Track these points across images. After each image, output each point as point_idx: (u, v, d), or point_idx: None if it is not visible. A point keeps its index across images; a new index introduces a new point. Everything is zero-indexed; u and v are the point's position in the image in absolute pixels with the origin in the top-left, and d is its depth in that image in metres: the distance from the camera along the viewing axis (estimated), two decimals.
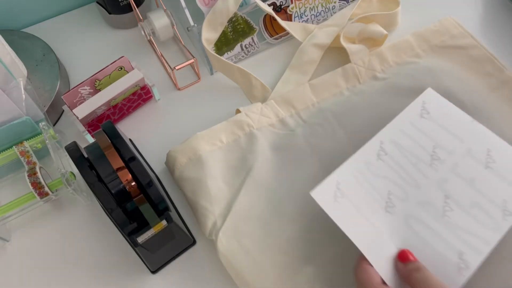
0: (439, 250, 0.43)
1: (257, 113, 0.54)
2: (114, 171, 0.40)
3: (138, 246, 0.40)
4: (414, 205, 0.45)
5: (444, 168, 0.47)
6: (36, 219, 0.52)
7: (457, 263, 0.42)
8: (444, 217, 0.44)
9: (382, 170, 0.47)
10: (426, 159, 0.47)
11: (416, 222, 0.44)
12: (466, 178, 0.46)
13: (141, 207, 0.40)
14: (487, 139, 0.48)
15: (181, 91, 0.61)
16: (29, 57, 0.60)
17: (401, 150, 0.48)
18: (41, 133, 0.52)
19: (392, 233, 0.44)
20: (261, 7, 0.57)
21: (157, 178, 0.53)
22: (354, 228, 0.43)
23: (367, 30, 0.59)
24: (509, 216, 0.43)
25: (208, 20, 0.56)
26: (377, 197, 0.45)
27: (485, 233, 0.43)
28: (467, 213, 0.44)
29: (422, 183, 0.46)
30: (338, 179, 0.46)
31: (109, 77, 0.54)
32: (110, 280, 0.48)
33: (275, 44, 0.64)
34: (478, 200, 0.44)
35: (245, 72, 0.58)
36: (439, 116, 0.49)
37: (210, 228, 0.47)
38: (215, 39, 0.58)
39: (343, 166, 0.47)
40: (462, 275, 0.41)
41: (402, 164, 0.47)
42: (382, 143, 0.48)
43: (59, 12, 0.69)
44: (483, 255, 0.42)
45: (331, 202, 0.44)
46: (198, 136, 0.52)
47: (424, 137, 0.48)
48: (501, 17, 0.65)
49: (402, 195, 0.46)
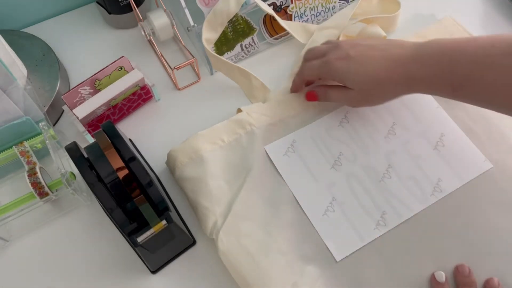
0: (366, 205, 0.49)
1: (258, 112, 0.54)
2: (114, 171, 0.40)
3: (138, 246, 0.40)
4: (359, 167, 0.51)
5: (397, 142, 0.52)
6: (36, 219, 0.51)
7: (377, 220, 0.48)
8: (381, 182, 0.50)
9: (340, 134, 0.53)
10: (383, 131, 0.53)
11: (355, 180, 0.50)
12: (413, 154, 0.51)
13: (141, 207, 0.40)
14: (445, 125, 0.53)
15: (181, 91, 0.61)
16: (29, 57, 0.60)
17: (363, 121, 0.54)
18: (41, 133, 0.52)
19: (329, 186, 0.50)
20: (261, 7, 0.57)
21: (157, 178, 0.53)
22: (295, 179, 0.50)
23: (366, 31, 0.59)
24: (438, 193, 0.49)
25: (208, 21, 0.56)
26: (328, 156, 0.51)
27: (412, 202, 0.48)
28: (402, 183, 0.50)
29: (372, 151, 0.52)
30: (294, 138, 0.52)
31: (109, 77, 0.54)
32: (110, 280, 0.48)
33: (275, 44, 0.64)
34: (415, 174, 0.50)
35: (246, 72, 0.58)
36: (408, 97, 0.54)
37: (211, 227, 0.47)
38: (215, 39, 0.58)
39: (304, 128, 0.53)
40: (378, 230, 0.47)
41: (360, 132, 0.53)
42: (347, 112, 0.54)
43: (59, 12, 0.69)
44: (402, 219, 0.48)
45: (280, 156, 0.51)
46: (199, 135, 0.52)
47: (387, 114, 0.54)
48: (501, 17, 0.65)
49: (351, 157, 0.51)
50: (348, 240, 0.47)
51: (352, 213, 0.48)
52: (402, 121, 0.53)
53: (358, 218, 0.48)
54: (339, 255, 0.46)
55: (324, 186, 0.50)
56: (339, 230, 0.47)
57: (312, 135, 0.53)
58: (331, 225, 0.48)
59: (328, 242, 0.47)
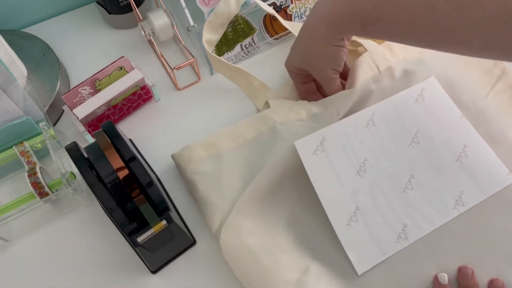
0: (387, 217, 0.47)
1: (286, 109, 0.53)
2: (114, 171, 0.40)
3: (138, 246, 0.40)
4: (382, 176, 0.49)
5: (419, 151, 0.50)
6: (36, 219, 0.51)
7: (398, 232, 0.46)
8: (403, 193, 0.48)
9: (366, 137, 0.51)
10: (407, 139, 0.51)
11: (377, 190, 0.48)
12: (435, 165, 0.49)
13: (141, 207, 0.40)
14: (468, 136, 0.51)
15: (181, 91, 0.61)
16: (29, 57, 0.60)
17: (388, 125, 0.51)
18: (41, 133, 0.52)
19: (354, 193, 0.48)
20: (261, 7, 0.57)
21: (157, 178, 0.53)
22: (322, 181, 0.48)
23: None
24: (460, 206, 0.47)
25: (209, 22, 0.56)
26: (354, 160, 0.49)
27: (433, 215, 0.47)
28: (424, 195, 0.48)
29: (395, 158, 0.50)
30: (324, 135, 0.50)
31: (109, 77, 0.54)
32: (110, 280, 0.48)
33: (275, 44, 0.64)
34: (437, 186, 0.48)
35: (246, 73, 0.58)
36: (432, 104, 0.52)
37: (218, 225, 0.47)
38: (216, 41, 0.58)
39: (333, 125, 0.51)
40: (399, 243, 0.46)
41: (384, 137, 0.51)
42: (374, 114, 0.52)
43: (59, 12, 0.69)
44: (423, 233, 0.46)
45: (309, 154, 0.49)
46: (222, 132, 0.51)
47: (411, 120, 0.52)
48: None
49: (375, 164, 0.49)
50: (370, 253, 0.45)
51: (374, 224, 0.46)
52: (426, 129, 0.51)
53: (379, 230, 0.46)
54: (361, 269, 0.45)
55: (349, 193, 0.48)
56: (361, 241, 0.46)
57: (341, 133, 0.50)
58: (354, 236, 0.46)
59: (351, 254, 0.45)
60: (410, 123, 0.52)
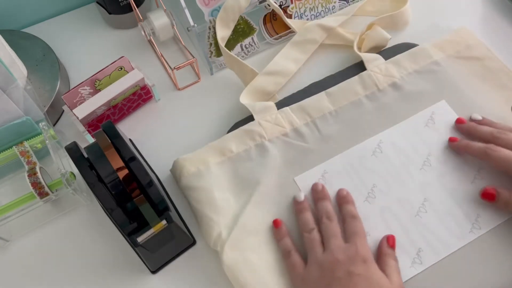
0: (401, 241, 0.46)
1: (271, 121, 0.53)
2: (114, 171, 0.40)
3: (138, 246, 0.40)
4: (393, 200, 0.48)
5: (432, 174, 0.49)
6: (36, 219, 0.51)
7: (413, 257, 0.45)
8: (416, 217, 0.47)
9: (373, 165, 0.50)
10: (418, 163, 0.50)
11: (389, 214, 0.48)
12: (449, 188, 0.49)
13: (141, 207, 0.40)
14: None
15: (181, 91, 0.61)
16: (29, 57, 0.60)
17: (397, 150, 0.51)
18: (41, 133, 0.52)
19: (363, 220, 0.46)
20: (268, 2, 0.58)
21: (157, 178, 0.53)
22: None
23: (370, 37, 0.59)
24: (477, 229, 0.46)
25: (220, 18, 0.56)
26: (361, 187, 0.49)
27: (450, 239, 0.46)
28: (439, 219, 0.47)
29: (407, 182, 0.49)
30: (326, 168, 0.50)
31: (109, 77, 0.54)
32: (110, 280, 0.48)
33: (275, 44, 0.64)
34: (453, 210, 0.47)
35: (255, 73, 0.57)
36: (443, 128, 0.52)
37: (215, 238, 0.47)
38: (228, 36, 0.58)
39: (336, 157, 0.51)
40: (414, 268, 0.45)
41: (394, 162, 0.50)
42: (381, 142, 0.52)
43: (59, 12, 0.69)
44: (439, 257, 0.45)
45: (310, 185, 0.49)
46: (209, 146, 0.51)
47: (422, 144, 0.51)
48: (501, 17, 0.65)
49: (385, 189, 0.49)
50: None
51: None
52: (438, 152, 0.50)
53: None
54: None
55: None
56: None
57: (344, 164, 0.50)
58: None
59: None
60: (421, 147, 0.51)
